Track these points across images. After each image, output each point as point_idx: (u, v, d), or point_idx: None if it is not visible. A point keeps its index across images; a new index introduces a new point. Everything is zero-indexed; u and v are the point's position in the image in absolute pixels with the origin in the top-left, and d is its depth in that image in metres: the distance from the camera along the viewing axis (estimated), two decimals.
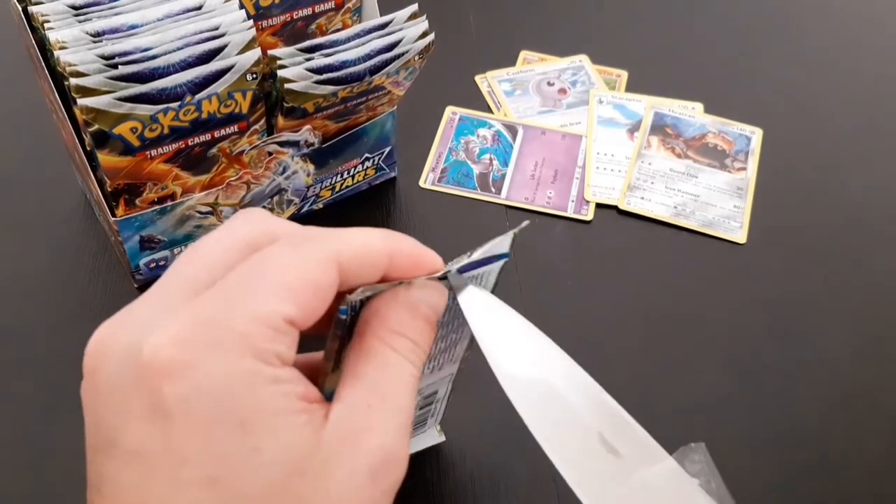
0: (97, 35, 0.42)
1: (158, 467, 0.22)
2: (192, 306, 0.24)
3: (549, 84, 0.64)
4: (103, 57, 0.41)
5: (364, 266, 0.26)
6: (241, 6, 0.45)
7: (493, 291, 0.32)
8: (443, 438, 0.44)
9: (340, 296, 0.26)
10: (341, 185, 0.54)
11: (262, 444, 0.23)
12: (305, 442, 0.24)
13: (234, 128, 0.45)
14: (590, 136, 0.61)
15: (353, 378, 0.26)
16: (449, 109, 0.62)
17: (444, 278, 0.29)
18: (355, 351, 0.26)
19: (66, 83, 0.41)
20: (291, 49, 0.45)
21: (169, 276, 0.26)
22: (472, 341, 0.35)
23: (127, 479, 0.23)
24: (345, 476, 0.24)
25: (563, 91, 0.64)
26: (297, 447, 0.23)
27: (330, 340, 0.27)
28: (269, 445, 0.23)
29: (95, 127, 0.41)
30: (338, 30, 0.51)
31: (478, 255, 0.30)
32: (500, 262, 0.32)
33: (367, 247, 0.26)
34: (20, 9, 0.42)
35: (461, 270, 0.30)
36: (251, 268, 0.25)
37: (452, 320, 0.32)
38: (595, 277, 0.53)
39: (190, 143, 0.44)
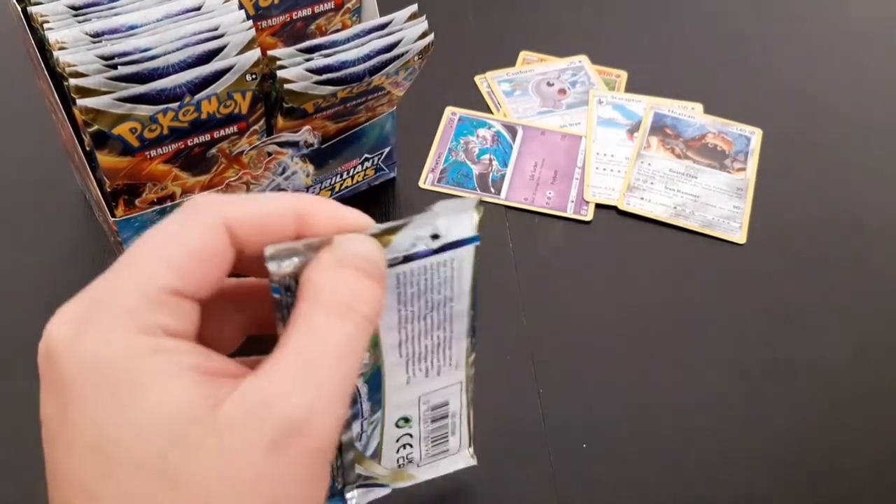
0: (97, 35, 0.42)
1: (58, 436, 0.24)
2: (88, 287, 0.25)
3: (549, 84, 0.64)
4: (103, 57, 0.41)
5: (264, 228, 0.25)
6: (241, 6, 0.45)
7: (473, 287, 0.31)
8: (474, 462, 0.40)
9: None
10: (341, 185, 0.54)
11: (138, 412, 0.23)
12: (189, 411, 0.23)
13: (233, 128, 0.45)
14: (589, 137, 0.61)
15: (275, 349, 0.24)
16: (448, 110, 0.62)
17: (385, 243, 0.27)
18: (288, 325, 0.25)
19: (65, 83, 0.41)
20: (291, 49, 0.45)
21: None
22: (473, 342, 0.34)
23: (44, 449, 0.24)
24: (240, 449, 0.23)
25: (562, 91, 0.64)
26: (178, 416, 0.23)
27: (277, 328, 0.26)
28: (145, 414, 0.23)
29: (95, 127, 0.41)
30: (337, 30, 0.51)
31: (421, 234, 0.28)
32: (470, 248, 0.30)
33: (263, 207, 0.26)
34: (20, 9, 0.42)
35: (409, 258, 0.28)
36: (137, 243, 0.25)
37: (419, 301, 0.30)
38: (595, 277, 0.53)
39: (189, 144, 0.44)
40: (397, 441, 0.36)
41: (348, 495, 0.36)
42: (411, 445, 0.37)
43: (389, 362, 0.32)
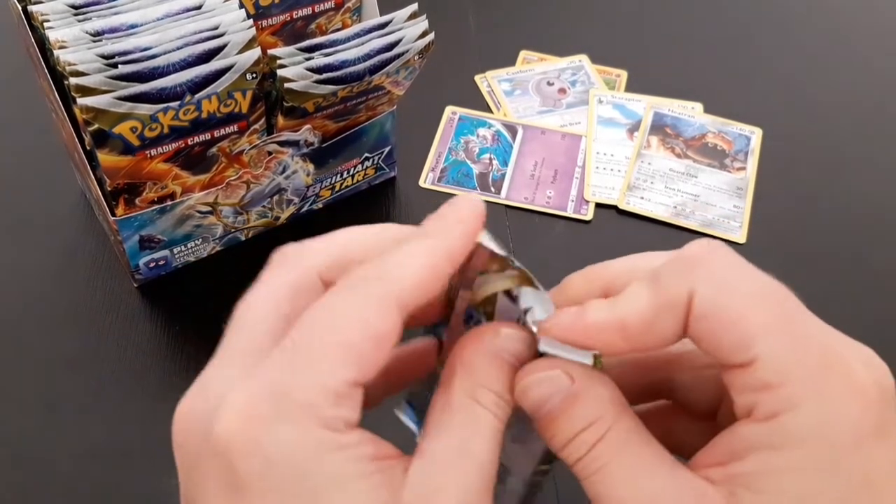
0: (97, 34, 0.42)
1: None
2: (258, 375, 0.24)
3: (549, 84, 0.64)
4: (103, 56, 0.41)
5: (424, 299, 0.26)
6: (241, 6, 0.45)
7: None
8: None
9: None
10: (341, 184, 0.54)
11: None
12: None
13: (233, 127, 0.45)
14: (589, 136, 0.61)
15: (436, 430, 0.25)
16: (449, 109, 0.62)
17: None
18: (441, 403, 0.26)
19: (65, 83, 0.41)
20: (291, 49, 0.45)
21: (230, 338, 0.26)
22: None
23: None
24: None
25: (562, 91, 0.64)
26: None
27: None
28: None
29: (95, 126, 0.41)
30: (337, 29, 0.51)
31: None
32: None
33: (424, 280, 0.26)
34: (20, 8, 0.43)
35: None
36: (310, 326, 0.24)
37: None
38: None
39: (190, 143, 0.44)
40: None
41: None
42: None
43: None
